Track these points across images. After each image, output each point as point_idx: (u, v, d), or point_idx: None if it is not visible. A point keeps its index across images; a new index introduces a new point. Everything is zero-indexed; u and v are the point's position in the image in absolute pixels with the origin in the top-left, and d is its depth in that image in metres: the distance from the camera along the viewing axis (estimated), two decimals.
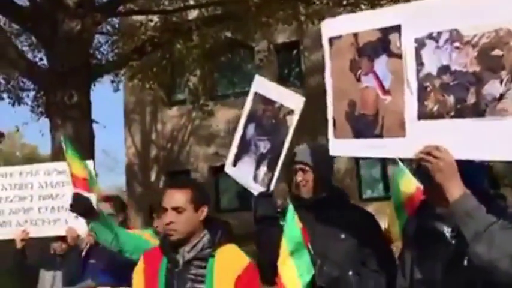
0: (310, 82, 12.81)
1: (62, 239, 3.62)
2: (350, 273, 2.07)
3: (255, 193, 2.25)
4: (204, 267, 1.88)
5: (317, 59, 12.94)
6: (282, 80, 14.17)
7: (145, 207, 3.82)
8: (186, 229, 1.90)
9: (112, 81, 10.72)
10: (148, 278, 1.93)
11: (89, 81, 7.16)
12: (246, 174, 2.40)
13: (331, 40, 1.94)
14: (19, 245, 3.55)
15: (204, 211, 1.96)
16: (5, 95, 9.66)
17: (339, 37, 1.90)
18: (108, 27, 8.15)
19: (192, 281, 1.86)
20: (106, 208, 3.00)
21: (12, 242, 3.57)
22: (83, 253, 3.02)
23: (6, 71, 9.16)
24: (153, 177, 14.01)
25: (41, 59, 9.11)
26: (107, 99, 6.95)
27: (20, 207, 3.63)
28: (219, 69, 12.89)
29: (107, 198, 3.18)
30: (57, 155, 7.10)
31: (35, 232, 3.60)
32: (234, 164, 2.53)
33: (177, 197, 1.92)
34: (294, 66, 14.20)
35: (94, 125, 7.59)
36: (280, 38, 12.49)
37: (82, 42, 7.05)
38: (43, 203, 3.62)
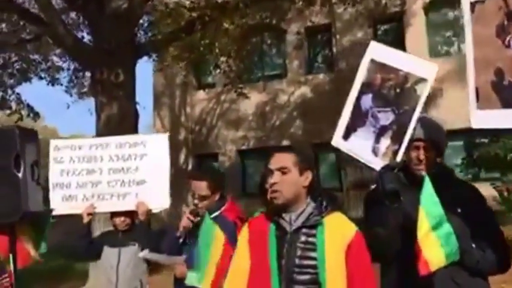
0: (341, 66, 12.66)
1: (125, 214, 3.52)
2: (473, 245, 2.00)
3: (376, 167, 2.15)
4: (313, 235, 1.84)
5: (349, 43, 12.82)
6: (312, 63, 14.08)
7: (174, 190, 3.69)
8: (290, 191, 1.88)
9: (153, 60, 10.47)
10: (257, 245, 1.88)
11: (135, 60, 7.06)
12: (362, 147, 2.28)
13: (473, 5, 1.83)
14: (85, 219, 3.44)
15: (309, 177, 1.93)
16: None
17: (482, 1, 1.79)
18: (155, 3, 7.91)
19: (302, 249, 1.82)
20: (200, 188, 2.86)
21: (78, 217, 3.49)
22: (181, 240, 2.85)
23: (43, 50, 9.14)
24: (181, 160, 14.02)
25: (82, 38, 9.06)
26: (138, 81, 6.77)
27: (88, 181, 3.52)
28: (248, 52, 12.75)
29: (198, 177, 2.96)
30: (102, 135, 7.10)
31: (102, 207, 3.50)
32: (346, 137, 2.39)
33: (283, 158, 1.93)
34: (324, 49, 14.02)
35: None
36: (312, 21, 12.28)
37: (129, 20, 6.92)
38: (113, 177, 3.49)
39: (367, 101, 2.30)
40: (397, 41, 12.28)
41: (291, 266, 1.80)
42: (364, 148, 2.27)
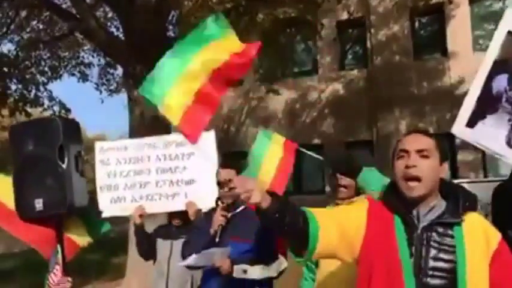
0: (376, 62, 12.27)
1: (178, 214, 3.44)
2: None
3: (509, 160, 1.84)
4: (450, 236, 1.59)
5: (384, 37, 12.39)
6: (344, 59, 13.69)
7: None
8: (430, 179, 1.63)
9: None
10: (382, 232, 1.66)
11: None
12: (492, 137, 1.99)
13: None
14: (138, 220, 3.36)
15: (446, 168, 1.69)
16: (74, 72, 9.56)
17: None
18: None
19: (437, 249, 1.58)
20: (229, 174, 2.82)
21: None
22: (217, 238, 2.74)
23: (74, 47, 9.05)
24: None
25: (112, 33, 8.96)
26: None
27: (136, 182, 3.41)
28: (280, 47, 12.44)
29: (229, 165, 2.96)
30: (135, 131, 6.98)
31: (152, 208, 3.38)
32: (471, 125, 2.08)
33: (424, 140, 1.68)
34: (357, 44, 13.61)
35: None
36: (344, 15, 11.88)
37: (160, 13, 6.74)
38: (161, 177, 3.38)
39: (501, 82, 1.98)
40: (438, 35, 11.82)
41: (423, 267, 1.57)
42: (494, 138, 1.98)
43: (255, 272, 2.66)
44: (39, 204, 3.09)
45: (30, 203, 3.08)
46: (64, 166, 3.08)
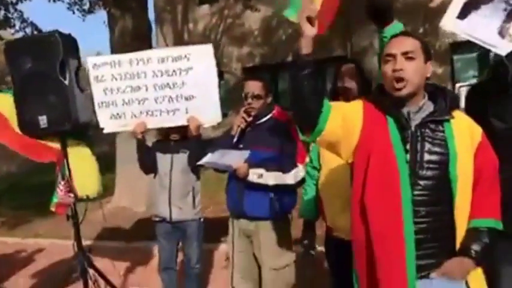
0: None
1: (177, 131, 3.55)
2: None
3: (501, 52, 1.95)
4: (442, 131, 1.77)
5: None
6: None
7: None
8: (415, 80, 1.76)
9: None
10: (376, 131, 1.80)
11: None
12: (485, 28, 1.98)
13: None
14: (139, 136, 3.45)
15: (430, 68, 1.82)
16: None
17: None
18: None
19: (431, 144, 1.76)
20: (255, 87, 2.92)
21: None
22: (235, 139, 2.88)
23: None
24: None
25: None
26: None
27: (134, 98, 3.40)
28: None
29: (254, 78, 3.04)
30: (116, 51, 6.86)
31: (153, 123, 3.43)
32: (462, 16, 2.04)
33: (408, 42, 1.78)
34: None
35: None
36: None
37: None
38: (159, 93, 3.37)
39: None
40: None
41: (419, 161, 1.73)
42: (487, 28, 1.97)
43: (271, 178, 2.77)
44: (43, 121, 3.12)
45: (34, 120, 3.10)
46: (66, 82, 3.08)
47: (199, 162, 2.94)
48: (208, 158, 2.83)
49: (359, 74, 2.64)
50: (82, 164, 3.44)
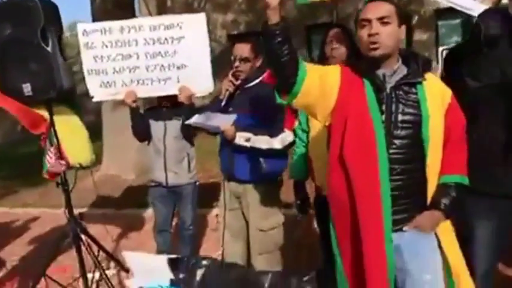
0: None
1: (169, 100, 3.60)
2: None
3: (474, 13, 2.05)
4: (415, 93, 1.87)
5: None
6: None
7: None
8: (390, 43, 1.85)
9: None
10: (354, 94, 1.88)
11: None
12: None
13: None
14: (132, 105, 3.49)
15: (404, 31, 1.90)
16: None
17: None
18: None
19: (404, 105, 1.86)
20: (244, 50, 2.90)
21: None
22: (223, 102, 2.92)
23: None
24: None
25: None
26: None
27: (125, 66, 3.41)
28: None
29: (243, 39, 3.01)
30: (97, 17, 6.74)
31: (143, 92, 3.46)
32: None
33: (383, 7, 1.85)
34: None
35: None
36: None
37: None
38: (151, 62, 3.39)
39: None
40: None
41: (393, 121, 1.84)
42: None
43: (258, 141, 2.82)
44: (27, 88, 3.12)
45: (18, 88, 3.09)
46: (49, 49, 3.07)
47: (187, 122, 2.98)
48: (195, 119, 2.86)
49: (347, 38, 2.66)
50: (71, 132, 3.48)
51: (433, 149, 1.86)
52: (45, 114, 3.35)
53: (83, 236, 3.54)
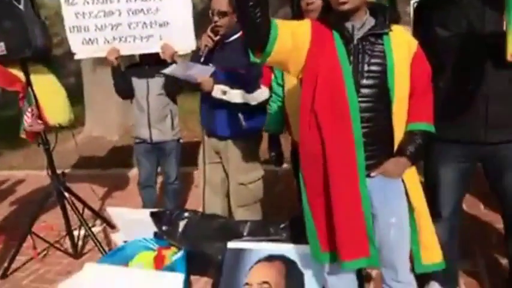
0: None
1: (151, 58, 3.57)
2: None
3: None
4: (381, 44, 1.93)
5: None
6: None
7: None
8: None
9: None
10: (323, 46, 1.93)
11: None
12: None
13: None
14: (115, 63, 3.50)
15: None
16: None
17: None
18: None
19: (370, 56, 1.92)
20: (221, 3, 2.87)
21: None
22: (202, 58, 2.94)
23: None
24: None
25: None
26: None
27: (107, 23, 3.41)
28: None
29: None
30: None
31: (126, 49, 3.47)
32: None
33: None
34: None
35: None
36: None
37: None
38: (133, 19, 3.39)
39: None
40: None
41: (360, 71, 1.90)
42: None
43: (235, 95, 2.87)
44: (1, 47, 3.12)
45: None
46: (21, 7, 3.05)
47: (163, 71, 2.97)
48: (172, 69, 2.87)
49: None
50: (49, 92, 3.49)
51: (399, 97, 1.93)
52: (21, 74, 3.35)
53: (66, 194, 3.61)
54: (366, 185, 1.91)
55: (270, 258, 2.49)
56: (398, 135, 1.98)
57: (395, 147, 1.98)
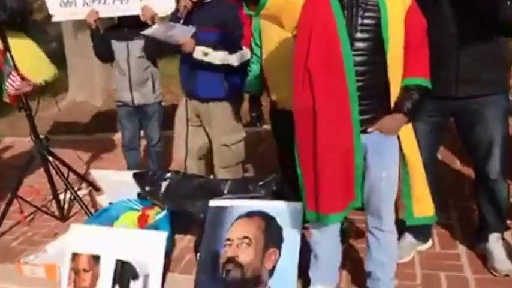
0: None
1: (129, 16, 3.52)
2: None
3: None
4: None
5: None
6: None
7: None
8: None
9: None
10: (317, 1, 1.92)
11: None
12: None
13: None
14: (93, 25, 3.47)
15: None
16: None
17: None
18: None
19: (363, 9, 1.92)
20: None
21: None
22: (181, 21, 2.90)
23: None
24: None
25: None
26: None
27: None
28: None
29: None
30: None
31: (105, 12, 3.43)
32: None
33: None
34: None
35: None
36: None
37: None
38: None
39: None
40: None
41: (354, 24, 1.91)
42: None
43: (216, 56, 2.86)
44: None
45: None
46: None
47: (143, 32, 2.96)
48: (153, 30, 2.85)
49: None
50: (27, 52, 3.45)
51: (393, 50, 1.93)
52: None
53: (50, 158, 3.63)
54: (360, 138, 1.95)
55: (250, 214, 2.56)
56: (394, 89, 1.98)
57: (392, 102, 1.98)
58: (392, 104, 1.98)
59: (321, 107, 1.92)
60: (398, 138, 2.03)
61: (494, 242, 2.47)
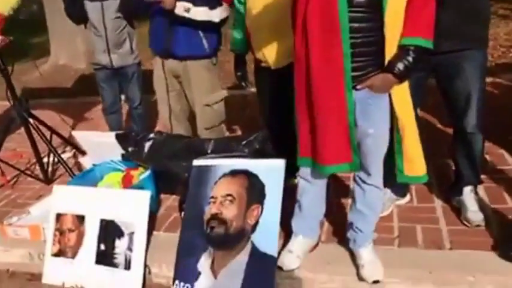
0: None
1: None
2: None
3: None
4: None
5: None
6: None
7: None
8: None
9: None
10: None
11: None
12: None
13: None
14: None
15: None
16: None
17: None
18: None
19: None
20: None
21: None
22: None
23: None
24: None
25: None
26: None
27: None
28: None
29: None
30: None
31: None
32: None
33: None
34: None
35: None
36: None
37: None
38: None
39: None
40: None
41: None
42: None
43: (198, 13, 2.81)
44: None
45: None
46: None
47: None
48: None
49: None
50: None
51: (392, 6, 1.85)
52: None
53: (31, 120, 3.58)
54: (352, 94, 1.95)
55: (233, 172, 2.58)
56: (390, 48, 1.91)
57: (386, 60, 1.92)
58: (386, 63, 1.93)
59: (315, 62, 1.93)
60: (390, 96, 2.01)
61: (468, 195, 2.54)
